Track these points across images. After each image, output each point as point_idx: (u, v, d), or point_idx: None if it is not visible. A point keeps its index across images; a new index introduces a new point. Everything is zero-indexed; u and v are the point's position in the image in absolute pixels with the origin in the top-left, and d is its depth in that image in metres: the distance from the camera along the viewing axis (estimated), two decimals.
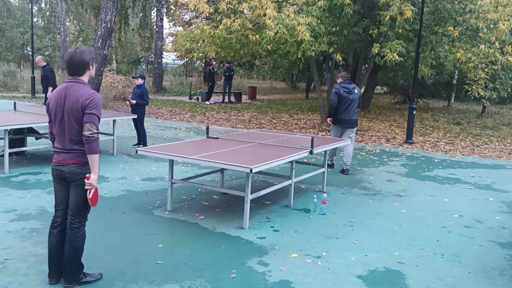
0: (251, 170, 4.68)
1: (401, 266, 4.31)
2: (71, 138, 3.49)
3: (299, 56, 12.58)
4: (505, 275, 4.22)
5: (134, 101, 9.48)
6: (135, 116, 9.59)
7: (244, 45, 13.19)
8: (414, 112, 12.04)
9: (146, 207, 5.78)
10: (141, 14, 28.19)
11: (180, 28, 37.11)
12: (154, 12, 27.85)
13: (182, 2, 33.60)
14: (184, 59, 38.39)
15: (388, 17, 10.89)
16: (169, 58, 43.83)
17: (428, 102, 25.97)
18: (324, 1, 10.93)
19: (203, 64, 36.79)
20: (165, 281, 3.79)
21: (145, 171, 7.74)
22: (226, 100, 22.39)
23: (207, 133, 6.78)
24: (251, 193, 5.15)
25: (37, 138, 9.12)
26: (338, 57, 11.91)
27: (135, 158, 8.74)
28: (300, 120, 16.13)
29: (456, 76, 22.84)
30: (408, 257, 4.53)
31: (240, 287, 3.75)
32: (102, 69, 18.43)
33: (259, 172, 6.48)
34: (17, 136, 8.46)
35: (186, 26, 34.62)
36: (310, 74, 25.84)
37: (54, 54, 36.62)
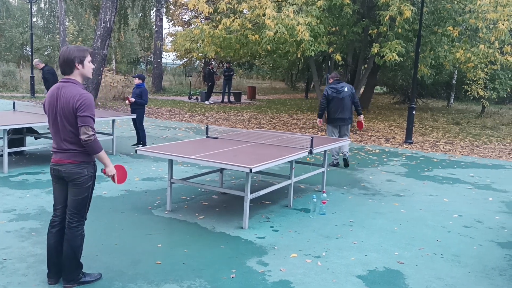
0: (251, 170, 4.67)
1: (401, 266, 4.31)
2: (65, 139, 3.49)
3: (299, 56, 12.58)
4: (505, 275, 4.22)
5: (133, 99, 9.48)
6: (135, 116, 9.59)
7: (244, 45, 13.18)
8: (414, 112, 12.04)
9: (146, 207, 5.77)
10: (141, 14, 28.16)
11: (180, 28, 37.09)
12: (154, 12, 27.84)
13: (182, 2, 33.59)
14: (184, 59, 38.36)
15: (388, 17, 10.89)
16: (169, 58, 43.82)
17: (428, 102, 25.98)
18: (324, 1, 10.93)
19: (203, 64, 36.78)
20: (165, 281, 3.78)
21: (145, 171, 7.73)
22: (226, 100, 22.38)
23: (207, 133, 6.77)
24: (251, 193, 5.14)
25: (36, 138, 9.11)
26: (338, 57, 11.91)
27: (135, 158, 8.73)
28: (300, 120, 16.13)
29: (456, 76, 22.85)
30: (408, 257, 4.53)
31: (240, 287, 3.75)
32: (102, 69, 18.40)
33: (259, 172, 6.48)
34: (16, 136, 8.45)
35: (186, 26, 34.59)
36: (310, 74, 25.82)
37: (54, 54, 36.61)
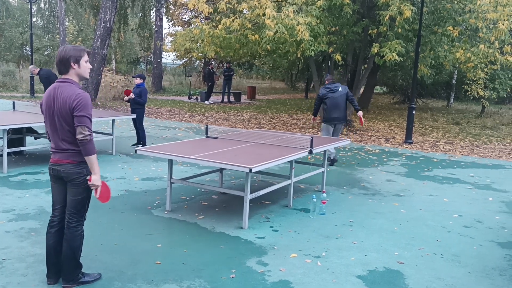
0: (250, 170, 4.67)
1: (401, 266, 4.30)
2: (63, 139, 3.48)
3: (299, 56, 12.55)
4: (505, 275, 4.21)
5: (133, 95, 9.46)
6: (134, 116, 9.59)
7: (244, 45, 13.16)
8: (414, 112, 12.04)
9: (145, 207, 5.77)
10: (140, 14, 28.16)
11: (180, 28, 37.08)
12: (153, 12, 27.83)
13: (182, 2, 33.57)
14: (184, 59, 38.35)
15: (388, 17, 10.87)
16: (169, 58, 43.82)
17: (428, 102, 25.97)
18: (324, 1, 10.91)
19: (203, 64, 36.77)
20: (164, 281, 3.78)
21: (144, 171, 7.72)
22: (226, 100, 22.37)
23: (206, 133, 6.77)
24: (251, 193, 5.13)
25: (36, 138, 9.11)
26: (338, 57, 11.89)
27: (134, 158, 8.73)
28: (300, 120, 16.12)
29: (456, 76, 22.83)
30: (408, 257, 4.52)
31: (239, 287, 3.74)
32: (101, 69, 18.41)
33: (259, 172, 6.47)
34: (16, 136, 8.45)
35: (186, 26, 34.57)
36: (310, 74, 25.79)
37: (53, 54, 36.58)
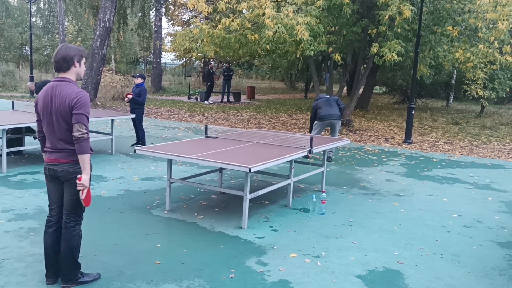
0: (250, 170, 4.66)
1: (401, 266, 4.30)
2: (61, 138, 3.46)
3: (298, 56, 12.55)
4: (505, 275, 4.21)
5: (131, 96, 9.48)
6: (134, 116, 9.58)
7: (243, 45, 13.16)
8: (413, 112, 12.04)
9: (145, 207, 5.76)
10: (140, 14, 28.15)
11: (179, 28, 37.07)
12: (153, 12, 27.83)
13: (181, 2, 33.59)
14: (183, 59, 38.35)
15: (387, 17, 10.87)
16: (168, 58, 43.94)
17: (427, 102, 25.98)
18: (323, 1, 10.91)
19: (202, 64, 36.76)
20: (164, 281, 3.77)
21: (144, 171, 7.71)
22: (225, 100, 22.37)
23: (206, 133, 6.76)
24: (250, 193, 5.13)
25: (35, 138, 9.08)
26: (337, 57, 11.89)
27: (134, 158, 8.72)
28: (299, 120, 16.11)
29: (455, 76, 22.84)
30: (408, 257, 4.52)
31: (239, 287, 3.74)
32: (101, 69, 18.39)
33: (258, 172, 6.47)
34: (15, 136, 8.44)
35: (185, 26, 34.58)
36: (309, 74, 25.82)
37: (53, 54, 36.57)
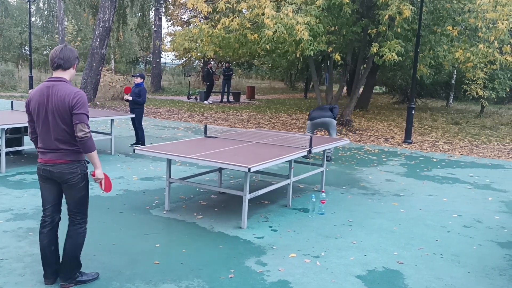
0: (249, 170, 4.65)
1: (400, 266, 4.29)
2: (57, 138, 3.44)
3: (298, 56, 12.53)
4: (505, 275, 4.20)
5: (130, 97, 9.46)
6: (133, 116, 9.57)
7: (243, 45, 13.14)
8: (413, 112, 12.03)
9: (144, 207, 5.75)
10: (140, 14, 28.14)
11: (179, 28, 37.05)
12: (153, 12, 27.81)
13: (181, 2, 33.57)
14: (183, 59, 38.32)
15: (387, 17, 10.85)
16: (168, 58, 43.75)
17: (427, 102, 25.97)
18: (323, 1, 10.89)
19: (202, 64, 36.74)
20: (163, 281, 3.76)
21: (143, 171, 7.70)
22: (225, 100, 22.36)
23: (205, 133, 6.75)
24: (250, 193, 5.12)
25: None
26: (337, 57, 11.87)
27: (133, 158, 8.71)
28: (299, 120, 16.10)
29: (455, 76, 22.82)
30: (407, 257, 4.51)
31: (238, 287, 3.73)
32: (100, 69, 18.37)
33: (258, 172, 6.46)
34: (14, 136, 8.42)
35: (185, 26, 34.55)
36: (309, 74, 25.81)
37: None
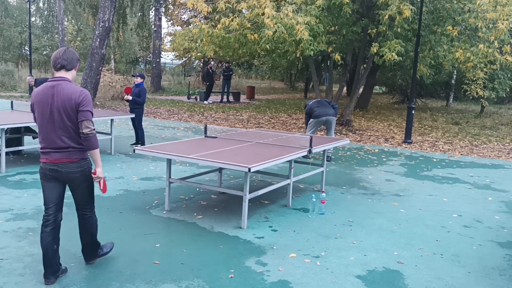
0: (249, 170, 4.65)
1: (400, 266, 4.28)
2: (63, 136, 3.47)
3: (298, 56, 12.53)
4: (505, 275, 4.20)
5: (130, 97, 9.47)
6: (133, 116, 9.57)
7: (243, 45, 13.14)
8: (413, 112, 12.03)
9: (144, 207, 5.75)
10: (139, 14, 28.12)
11: (179, 28, 37.05)
12: (153, 12, 27.80)
13: (181, 2, 33.57)
14: (183, 59, 38.32)
15: (387, 17, 10.85)
16: (168, 58, 43.74)
17: (427, 102, 25.97)
18: (323, 0, 10.89)
19: (202, 64, 36.73)
20: (162, 281, 3.76)
21: (143, 171, 7.70)
22: (225, 100, 22.36)
23: (205, 133, 6.74)
24: (250, 193, 5.11)
25: (34, 138, 9.07)
26: (337, 57, 11.87)
27: (133, 158, 8.70)
28: (299, 120, 16.10)
29: (455, 76, 22.82)
30: (407, 257, 4.51)
31: (238, 287, 3.72)
32: (100, 69, 18.36)
33: (258, 172, 6.45)
34: (14, 135, 8.42)
35: (185, 26, 34.54)
36: (309, 74, 25.81)
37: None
